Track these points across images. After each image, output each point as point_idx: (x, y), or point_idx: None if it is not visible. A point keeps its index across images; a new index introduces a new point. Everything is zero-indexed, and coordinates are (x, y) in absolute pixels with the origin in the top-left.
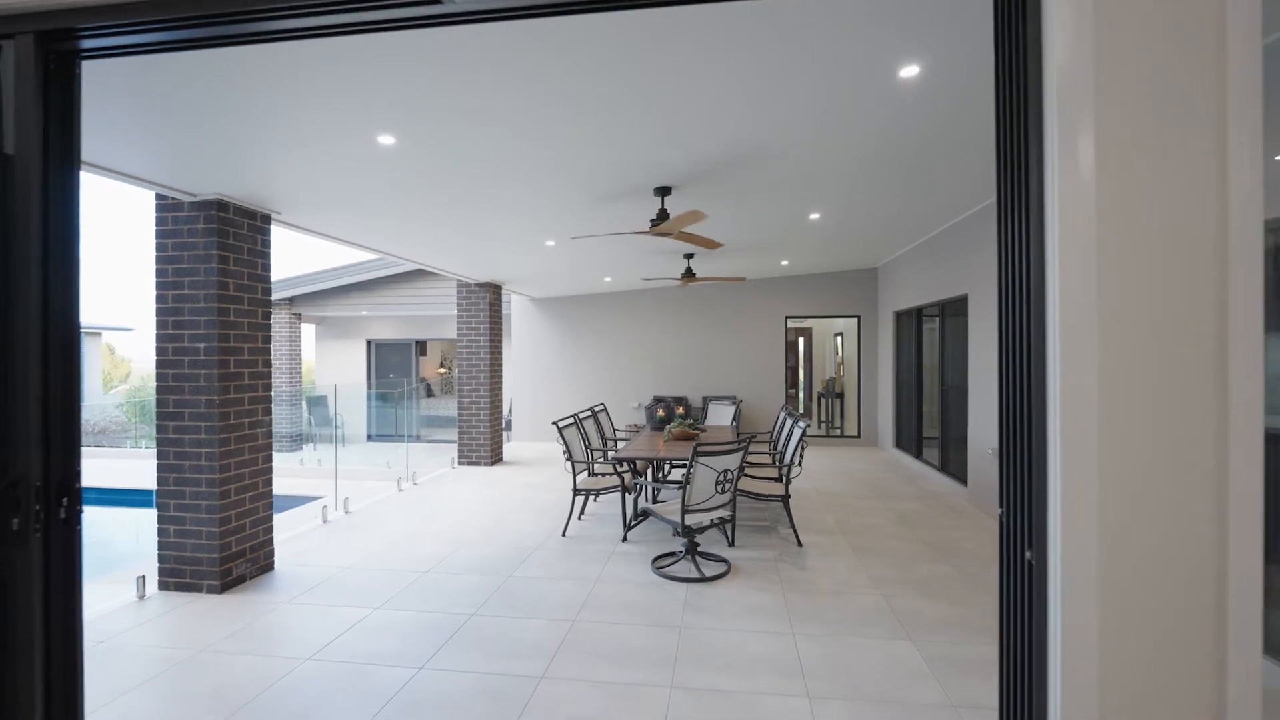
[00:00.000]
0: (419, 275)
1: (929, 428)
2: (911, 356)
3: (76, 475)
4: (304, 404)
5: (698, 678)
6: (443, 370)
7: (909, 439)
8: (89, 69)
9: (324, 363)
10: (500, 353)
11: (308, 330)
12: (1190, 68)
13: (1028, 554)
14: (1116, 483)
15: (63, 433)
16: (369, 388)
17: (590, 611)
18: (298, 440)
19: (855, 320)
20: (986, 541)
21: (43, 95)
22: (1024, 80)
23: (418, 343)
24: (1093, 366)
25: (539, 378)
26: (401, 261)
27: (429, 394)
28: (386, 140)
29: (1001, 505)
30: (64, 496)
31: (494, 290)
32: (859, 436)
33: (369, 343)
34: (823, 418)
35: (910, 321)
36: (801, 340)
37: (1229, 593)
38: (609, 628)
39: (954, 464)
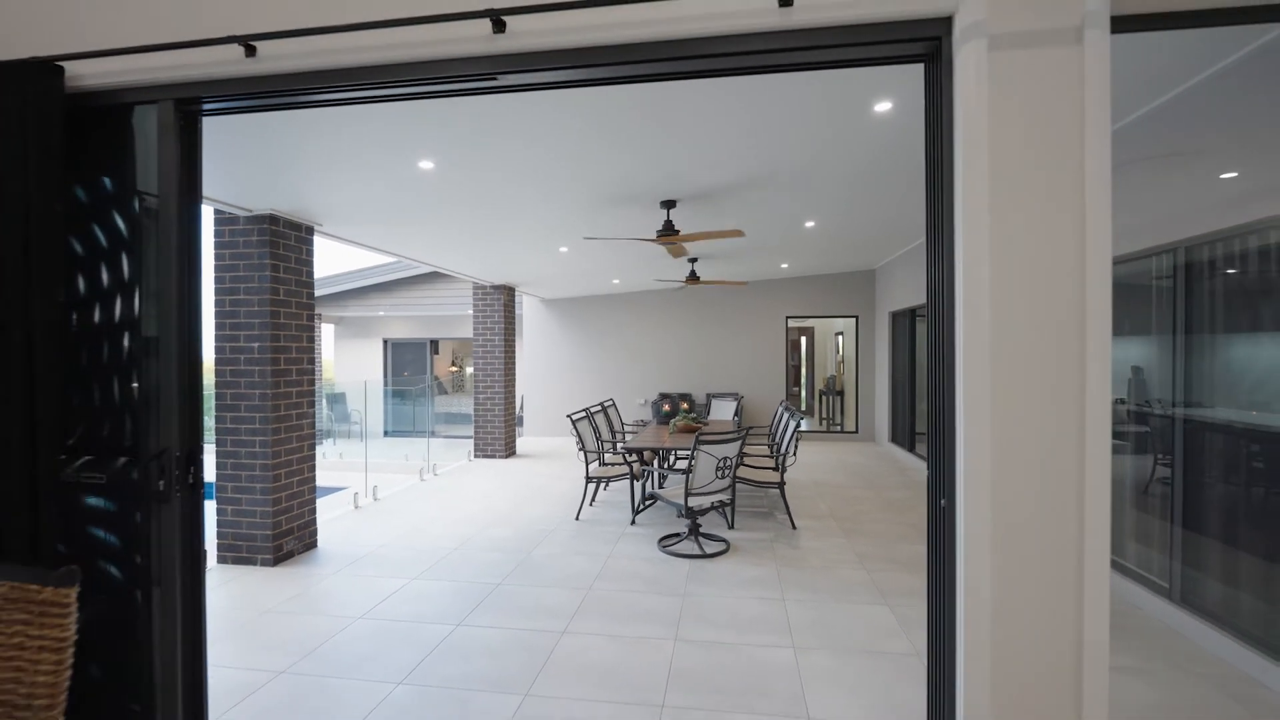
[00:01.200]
0: (434, 277)
1: (921, 423)
2: (905, 355)
3: (200, 449)
4: (324, 401)
5: (699, 633)
6: (454, 368)
7: (903, 433)
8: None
9: (342, 361)
10: (514, 351)
11: (327, 329)
12: (1058, 142)
13: (943, 501)
14: (1003, 449)
15: (192, 417)
16: (385, 385)
17: (603, 582)
18: (318, 435)
19: (854, 320)
20: None
21: (177, 143)
22: (941, 146)
23: (432, 342)
24: (987, 366)
25: (549, 375)
26: (418, 264)
27: (441, 391)
28: (426, 165)
29: (929, 467)
30: (191, 466)
31: (508, 292)
32: (857, 432)
33: (385, 342)
34: (824, 414)
35: (905, 322)
36: (804, 339)
37: (1085, 525)
38: (620, 595)
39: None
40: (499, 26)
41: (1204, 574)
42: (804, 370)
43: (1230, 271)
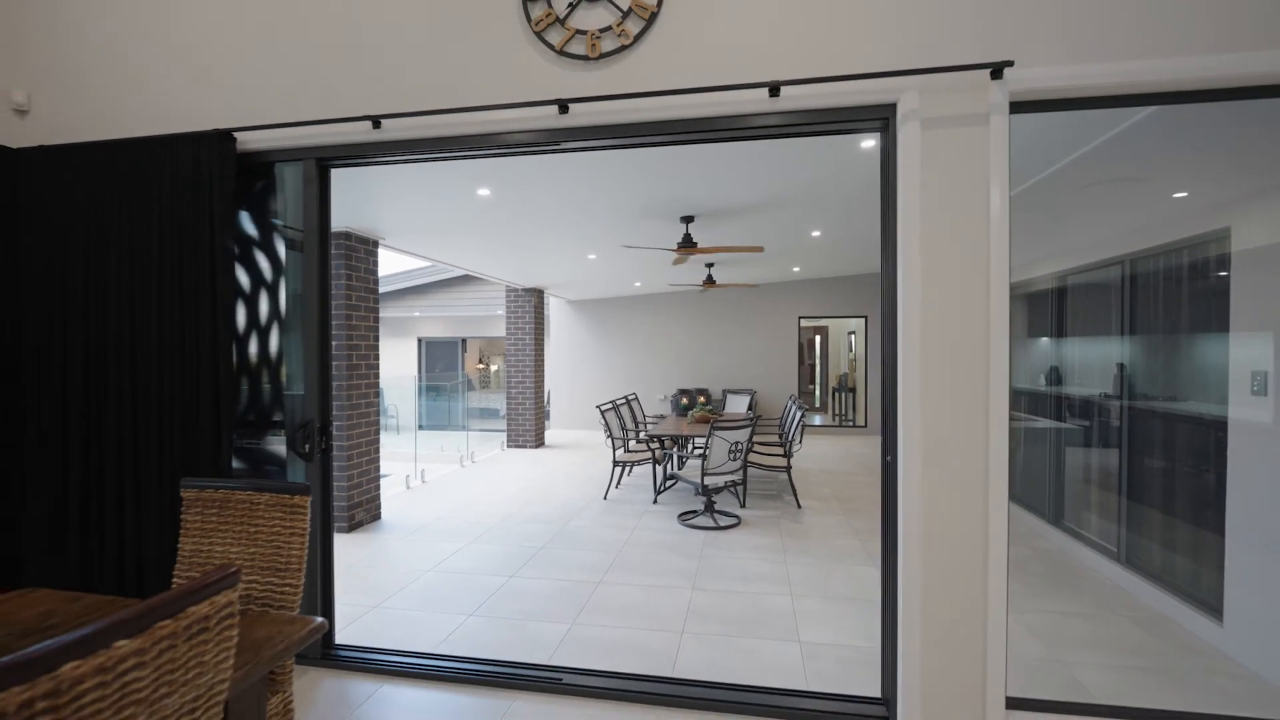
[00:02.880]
0: (464, 280)
1: None
2: None
3: (330, 423)
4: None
5: (712, 584)
6: (481, 366)
7: None
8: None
9: (381, 359)
10: (543, 349)
11: None
12: (969, 194)
13: (889, 457)
14: (930, 421)
15: (323, 398)
16: (420, 381)
17: (630, 548)
18: None
19: (864, 320)
20: None
21: (317, 190)
22: (890, 197)
23: (462, 340)
24: (918, 363)
25: (574, 371)
26: (451, 269)
27: (470, 387)
28: (484, 192)
29: (881, 433)
30: (324, 435)
31: (538, 294)
32: (866, 426)
33: (420, 340)
34: (838, 411)
35: None
36: (818, 338)
37: (988, 473)
38: (645, 556)
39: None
40: (563, 110)
41: (1142, 538)
42: (818, 368)
43: (1164, 281)
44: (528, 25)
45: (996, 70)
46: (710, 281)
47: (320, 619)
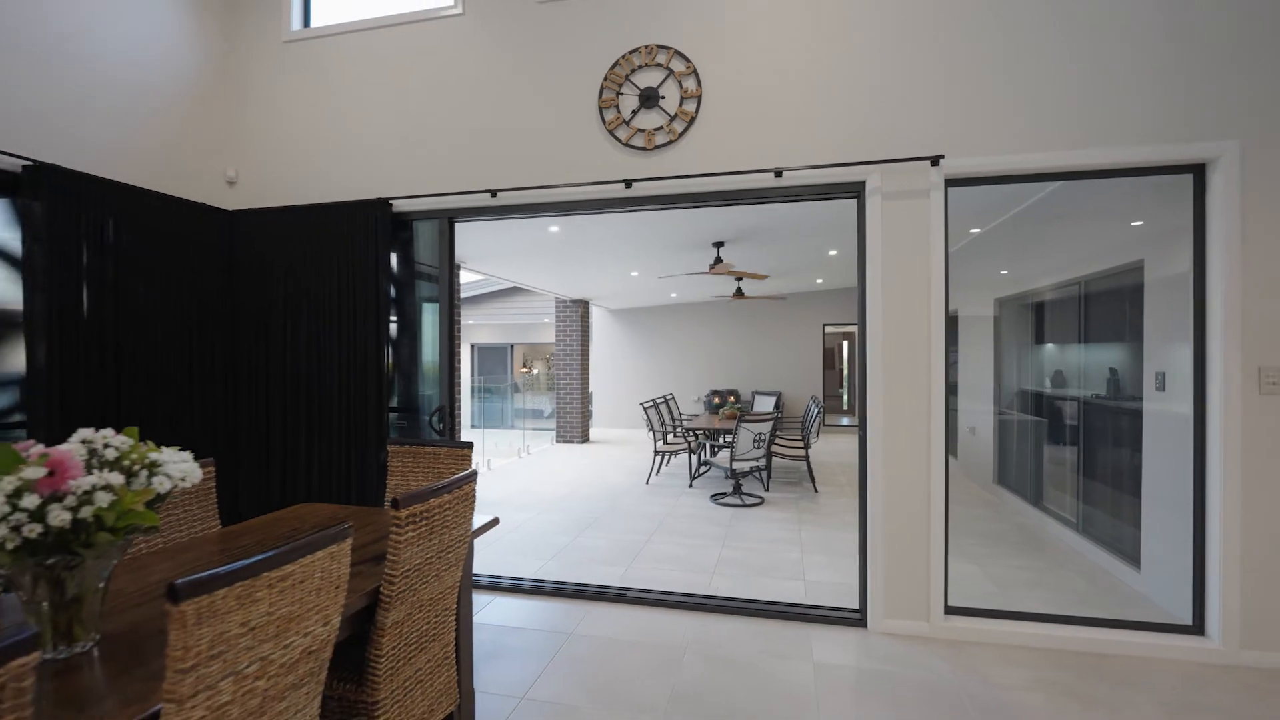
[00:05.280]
0: (513, 291)
1: None
2: None
3: (457, 408)
4: None
5: (738, 544)
6: (525, 370)
7: None
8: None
9: None
10: (588, 354)
11: None
12: (916, 246)
13: (862, 432)
14: (889, 406)
15: (450, 390)
16: (473, 384)
17: (670, 519)
18: None
19: None
20: (958, 492)
21: (447, 239)
22: (863, 245)
23: (511, 346)
24: (880, 364)
25: (615, 374)
26: (503, 281)
27: (516, 390)
28: (554, 229)
29: (858, 415)
30: (452, 415)
31: (584, 305)
32: None
33: (473, 346)
34: None
35: None
36: (846, 343)
37: (930, 441)
38: (683, 524)
39: (948, 441)
40: (628, 186)
41: (1093, 510)
42: (846, 371)
43: (1108, 299)
44: (603, 126)
45: (934, 160)
46: (739, 294)
47: (493, 517)
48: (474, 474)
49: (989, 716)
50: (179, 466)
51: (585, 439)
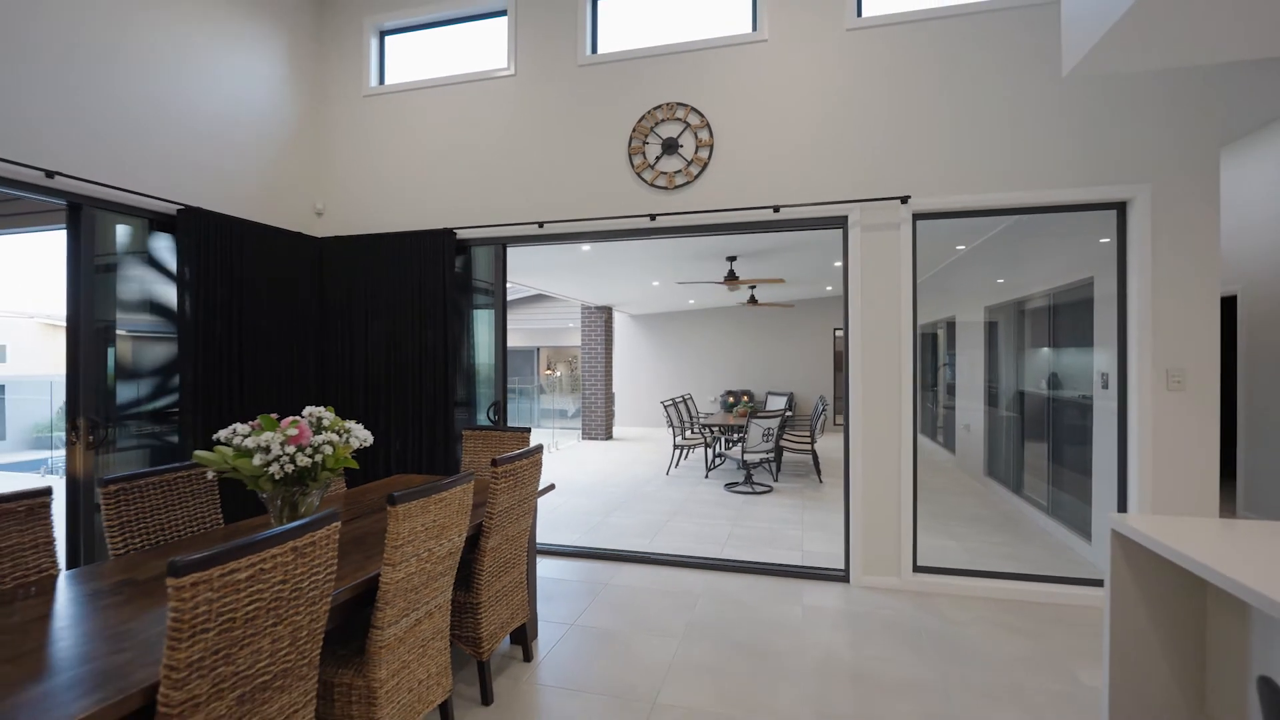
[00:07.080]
0: (539, 298)
1: (939, 415)
2: (927, 363)
3: (506, 403)
4: None
5: (747, 524)
6: (549, 372)
7: (927, 424)
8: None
9: None
10: (611, 357)
11: None
12: (890, 271)
13: (845, 423)
14: (867, 401)
15: (502, 387)
16: None
17: (688, 503)
18: None
19: None
20: (951, 483)
21: (501, 262)
22: (846, 269)
23: (537, 349)
24: (860, 368)
25: (636, 376)
26: (532, 289)
27: (541, 391)
28: (586, 249)
29: (843, 411)
30: (504, 406)
31: (607, 311)
32: None
33: None
34: None
35: (928, 340)
36: None
37: (900, 426)
38: (698, 508)
39: (946, 438)
40: (652, 219)
41: (1060, 494)
42: None
43: (1073, 308)
44: (631, 168)
45: (904, 199)
46: (752, 300)
47: (550, 482)
48: (541, 446)
49: (935, 640)
50: (361, 432)
51: (609, 436)
